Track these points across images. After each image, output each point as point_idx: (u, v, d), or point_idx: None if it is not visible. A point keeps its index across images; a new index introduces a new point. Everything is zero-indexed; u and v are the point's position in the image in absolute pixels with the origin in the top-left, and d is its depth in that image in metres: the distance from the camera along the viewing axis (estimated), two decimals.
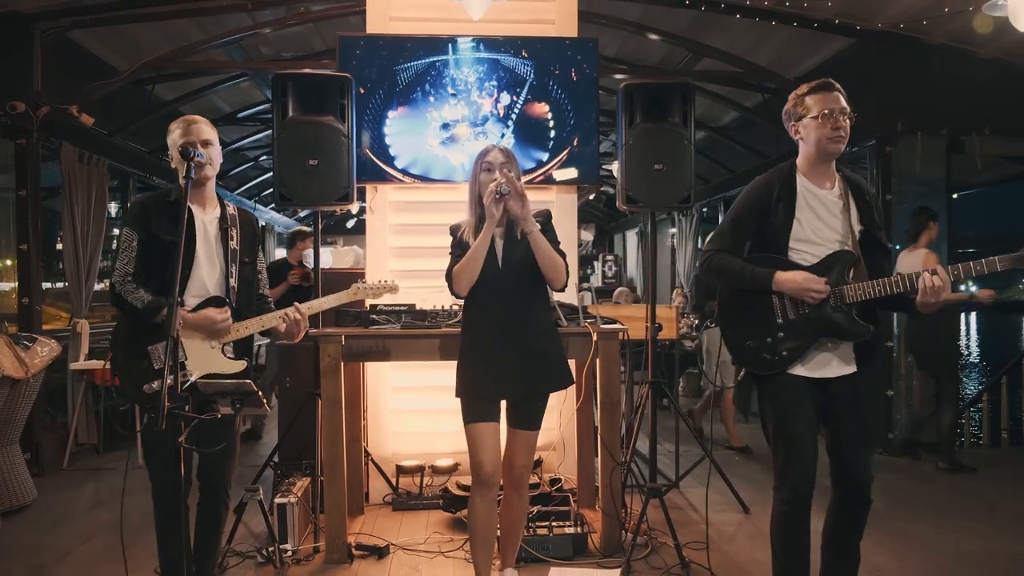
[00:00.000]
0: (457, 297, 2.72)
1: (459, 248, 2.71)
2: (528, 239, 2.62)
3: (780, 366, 2.44)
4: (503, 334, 2.67)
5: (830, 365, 2.43)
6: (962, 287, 4.82)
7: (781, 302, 2.46)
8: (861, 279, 2.39)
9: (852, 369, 2.43)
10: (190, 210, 2.51)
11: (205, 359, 2.51)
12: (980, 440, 6.53)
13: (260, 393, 2.13)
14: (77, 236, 5.36)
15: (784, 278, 2.40)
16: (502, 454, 2.76)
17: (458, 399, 2.74)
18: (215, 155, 2.60)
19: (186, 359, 2.45)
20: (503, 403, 2.75)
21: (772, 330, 2.46)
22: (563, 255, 2.71)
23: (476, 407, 2.69)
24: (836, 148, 2.41)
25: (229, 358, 2.57)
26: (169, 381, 1.98)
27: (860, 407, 2.44)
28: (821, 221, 2.44)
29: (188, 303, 2.51)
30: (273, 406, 5.29)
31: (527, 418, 2.75)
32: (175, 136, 2.56)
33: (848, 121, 2.41)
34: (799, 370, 2.43)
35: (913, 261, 4.93)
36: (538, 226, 2.64)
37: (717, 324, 2.92)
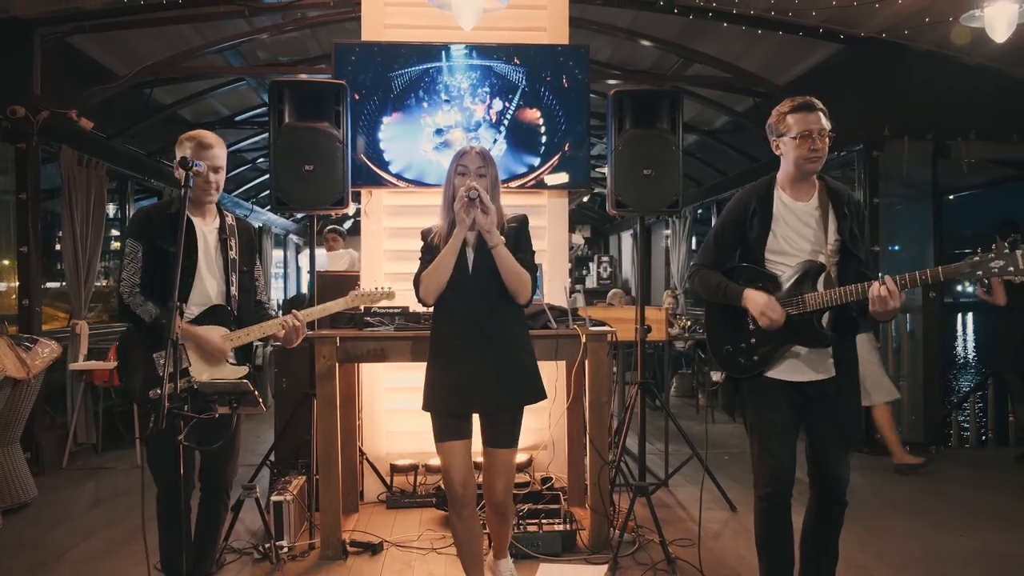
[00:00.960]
0: (424, 305, 2.67)
1: (428, 253, 2.66)
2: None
3: (753, 369, 2.56)
4: (472, 343, 2.60)
5: (804, 369, 2.52)
6: None
7: None
8: (831, 288, 2.47)
9: (828, 374, 2.52)
10: (191, 221, 2.59)
11: (208, 365, 2.59)
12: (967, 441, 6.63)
13: (256, 393, 2.21)
14: (76, 239, 5.43)
15: (748, 297, 2.50)
16: (474, 467, 2.74)
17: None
18: (222, 180, 2.66)
19: (190, 365, 2.53)
20: (476, 416, 2.70)
21: (746, 336, 2.57)
22: (533, 267, 2.68)
23: (445, 424, 2.64)
24: (812, 168, 2.51)
25: (231, 364, 2.65)
26: (170, 386, 2.07)
27: (836, 411, 2.53)
28: (795, 233, 2.53)
29: (191, 311, 2.60)
30: (270, 406, 5.37)
31: (502, 434, 2.67)
32: (186, 153, 2.56)
33: (827, 140, 2.49)
34: (775, 373, 2.53)
35: None
36: (502, 240, 2.58)
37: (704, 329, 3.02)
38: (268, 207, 10.73)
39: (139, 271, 2.56)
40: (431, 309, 2.74)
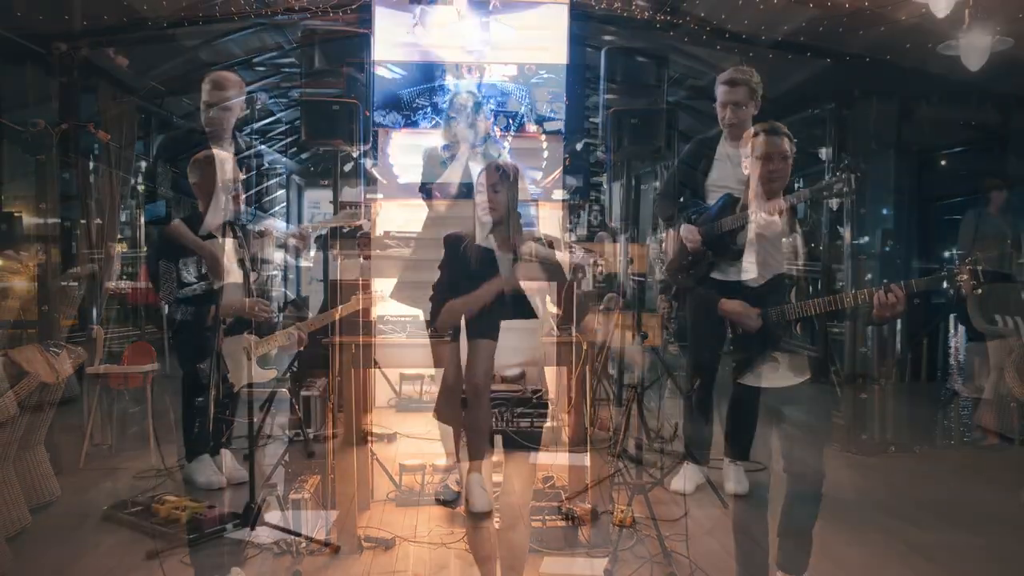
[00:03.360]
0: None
1: (457, 263, 2.87)
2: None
3: (732, 375, 2.81)
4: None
5: (774, 376, 2.73)
6: None
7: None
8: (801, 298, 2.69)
9: (799, 380, 2.71)
10: (215, 240, 2.87)
11: (243, 370, 2.82)
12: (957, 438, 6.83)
13: (298, 405, 2.44)
14: (93, 246, 5.61)
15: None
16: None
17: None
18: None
19: (229, 371, 2.78)
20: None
21: (724, 343, 2.84)
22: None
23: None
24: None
25: (261, 369, 2.90)
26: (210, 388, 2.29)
27: (805, 413, 2.73)
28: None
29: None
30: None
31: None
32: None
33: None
34: (747, 380, 2.77)
35: None
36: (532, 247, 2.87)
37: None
38: (273, 212, 10.87)
39: (174, 291, 2.84)
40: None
